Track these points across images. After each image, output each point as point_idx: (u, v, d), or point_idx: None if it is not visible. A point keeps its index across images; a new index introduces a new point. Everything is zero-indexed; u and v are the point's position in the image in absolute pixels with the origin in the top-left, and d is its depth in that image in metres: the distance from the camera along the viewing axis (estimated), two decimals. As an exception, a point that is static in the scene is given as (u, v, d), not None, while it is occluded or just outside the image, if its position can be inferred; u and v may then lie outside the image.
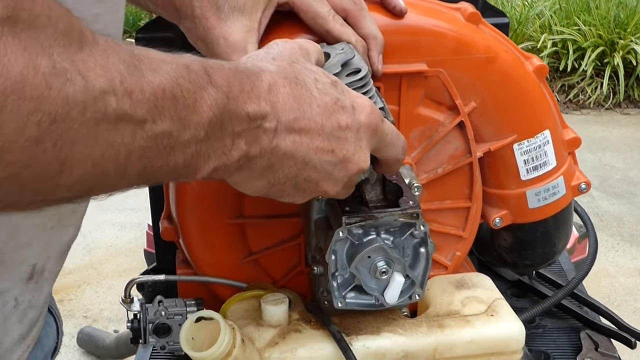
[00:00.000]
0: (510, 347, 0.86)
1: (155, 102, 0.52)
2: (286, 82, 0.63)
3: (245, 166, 0.62)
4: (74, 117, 0.47)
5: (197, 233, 0.91)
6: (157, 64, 0.53)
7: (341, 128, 0.66)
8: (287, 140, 0.63)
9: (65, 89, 0.46)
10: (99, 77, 0.48)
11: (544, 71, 0.93)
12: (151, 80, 0.52)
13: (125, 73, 0.50)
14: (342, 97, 0.67)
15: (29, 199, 0.49)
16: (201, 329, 0.74)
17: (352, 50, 0.78)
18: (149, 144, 0.52)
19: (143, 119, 0.51)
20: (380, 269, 0.77)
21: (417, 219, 0.78)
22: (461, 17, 0.90)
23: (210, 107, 0.56)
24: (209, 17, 0.80)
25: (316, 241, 0.85)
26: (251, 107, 0.60)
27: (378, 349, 0.82)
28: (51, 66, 0.45)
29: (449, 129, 0.91)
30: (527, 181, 0.95)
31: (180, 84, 0.54)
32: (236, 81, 0.59)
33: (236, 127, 0.59)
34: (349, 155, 0.67)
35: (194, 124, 0.55)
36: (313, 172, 0.66)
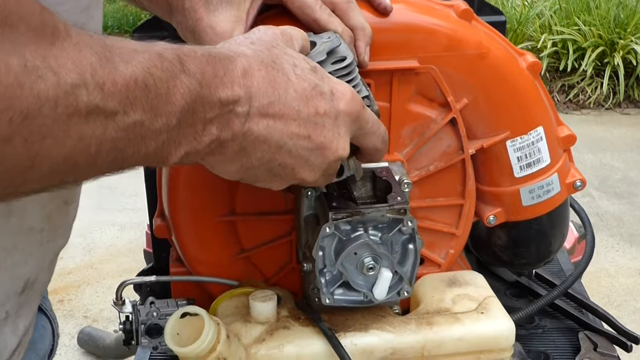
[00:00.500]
0: (500, 345, 0.85)
1: (127, 93, 0.52)
2: (262, 66, 0.63)
3: (217, 150, 0.62)
4: (46, 114, 0.47)
5: (189, 230, 0.91)
6: (129, 54, 0.53)
7: (319, 114, 0.66)
8: (259, 125, 0.63)
9: (37, 86, 0.46)
10: (70, 71, 0.48)
11: (538, 68, 0.92)
12: (123, 72, 0.52)
13: (97, 65, 0.50)
14: (321, 83, 0.67)
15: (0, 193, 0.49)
16: (186, 325, 0.74)
17: (338, 39, 0.78)
18: (120, 135, 0.53)
19: (114, 111, 0.51)
20: (367, 265, 0.77)
21: (405, 214, 0.78)
22: (453, 14, 0.89)
23: (183, 95, 0.56)
24: (198, 8, 0.81)
25: (306, 237, 0.85)
26: (223, 93, 0.60)
27: (366, 346, 0.82)
28: (22, 65, 0.45)
29: (441, 126, 0.90)
30: (520, 178, 0.94)
31: (152, 74, 0.54)
32: (209, 67, 0.59)
33: (208, 114, 0.59)
34: (326, 141, 0.67)
35: (166, 112, 0.55)
36: (288, 157, 0.66)
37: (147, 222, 2.04)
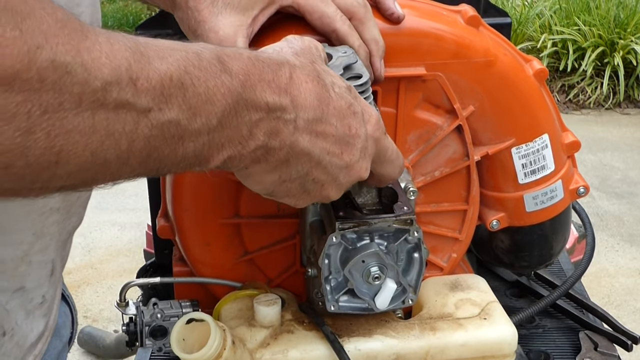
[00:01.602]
0: (502, 351, 0.86)
1: (162, 90, 0.50)
2: (308, 78, 0.63)
3: (262, 158, 0.61)
4: (68, 108, 0.46)
5: (193, 232, 0.91)
6: (164, 51, 0.52)
7: (351, 134, 0.66)
8: (305, 137, 0.62)
9: (61, 81, 0.45)
10: (103, 66, 0.47)
11: (544, 74, 0.92)
12: (158, 68, 0.50)
13: (131, 60, 0.49)
14: (355, 103, 0.67)
15: (27, 187, 0.48)
16: (192, 330, 0.74)
17: (354, 55, 0.77)
18: (154, 133, 0.51)
19: (147, 108, 0.50)
20: (374, 274, 0.77)
21: (411, 225, 0.78)
22: (461, 20, 0.89)
23: (224, 95, 0.55)
24: (202, 9, 0.80)
25: (311, 243, 0.85)
26: (271, 97, 0.59)
27: (370, 351, 0.82)
28: (50, 60, 0.44)
29: (447, 133, 0.90)
30: (524, 185, 0.94)
31: (189, 72, 0.53)
32: (255, 69, 0.58)
33: (253, 116, 0.58)
34: (354, 161, 0.67)
35: (206, 112, 0.54)
36: (322, 173, 0.66)
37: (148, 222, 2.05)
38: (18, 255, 0.70)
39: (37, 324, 0.76)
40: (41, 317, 0.76)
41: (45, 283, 0.75)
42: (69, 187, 0.50)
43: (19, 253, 0.70)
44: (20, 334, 0.74)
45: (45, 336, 0.79)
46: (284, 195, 0.67)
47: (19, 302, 0.72)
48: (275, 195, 0.67)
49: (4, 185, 0.46)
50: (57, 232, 0.75)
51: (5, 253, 0.69)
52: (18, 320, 0.73)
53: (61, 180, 0.48)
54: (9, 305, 0.71)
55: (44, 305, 0.75)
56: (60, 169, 0.47)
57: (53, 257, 0.75)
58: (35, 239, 0.70)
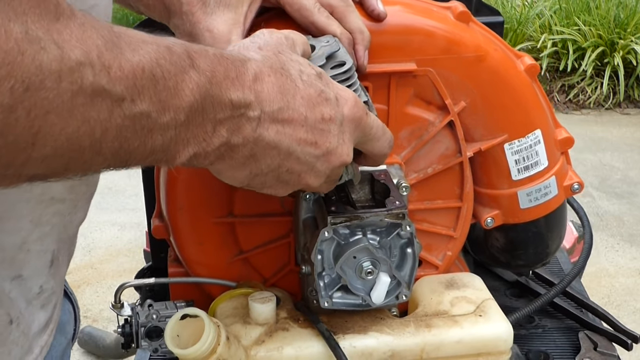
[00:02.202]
0: (498, 348, 0.86)
1: (135, 81, 0.51)
2: (271, 71, 0.63)
3: (226, 155, 0.61)
4: (49, 87, 0.46)
5: (187, 231, 0.91)
6: (137, 43, 0.52)
7: (324, 120, 0.66)
8: (270, 131, 0.63)
9: (39, 56, 0.45)
10: (74, 48, 0.47)
11: (535, 70, 0.92)
12: (130, 59, 0.51)
13: (102, 48, 0.49)
14: (327, 89, 0.67)
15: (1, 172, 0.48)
16: (186, 326, 0.74)
17: (337, 43, 0.78)
18: (126, 123, 0.51)
19: (121, 97, 0.50)
20: (366, 269, 0.77)
21: (403, 219, 0.78)
22: (451, 16, 0.89)
23: (192, 90, 0.55)
24: (195, 12, 0.81)
25: (304, 240, 0.85)
26: (235, 95, 0.59)
27: (365, 348, 0.82)
28: (24, 32, 0.44)
29: (439, 129, 0.91)
30: (518, 181, 0.94)
31: (160, 65, 0.53)
32: (220, 67, 0.59)
33: (218, 114, 0.58)
34: (331, 147, 0.67)
35: (174, 107, 0.54)
36: (296, 163, 0.66)
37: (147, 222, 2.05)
38: (17, 243, 0.70)
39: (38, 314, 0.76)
40: (40, 308, 0.76)
41: (44, 273, 0.75)
42: (41, 176, 0.50)
43: (18, 240, 0.70)
44: (24, 322, 0.74)
45: (50, 328, 0.79)
46: (261, 187, 0.68)
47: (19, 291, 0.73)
48: (253, 188, 0.68)
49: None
50: (62, 224, 0.75)
51: (4, 240, 0.69)
52: (21, 308, 0.73)
53: (34, 165, 0.49)
54: (12, 294, 0.72)
55: (41, 296, 0.75)
56: (36, 152, 0.47)
57: (54, 248, 0.75)
58: (33, 226, 0.70)
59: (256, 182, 0.67)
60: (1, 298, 0.70)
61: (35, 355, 0.76)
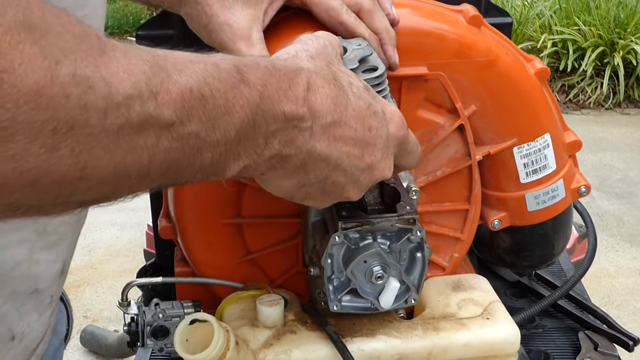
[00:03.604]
0: (505, 351, 0.86)
1: (183, 103, 0.50)
2: (325, 82, 0.62)
3: (278, 165, 0.61)
4: (94, 124, 0.45)
5: (195, 232, 0.91)
6: (183, 63, 0.51)
7: (372, 134, 0.65)
8: (322, 142, 0.62)
9: (85, 97, 0.44)
10: (123, 81, 0.46)
11: (546, 74, 0.92)
12: (177, 80, 0.50)
13: (150, 74, 0.48)
14: (374, 103, 0.66)
15: (50, 203, 0.47)
16: (195, 331, 0.74)
17: (369, 47, 0.77)
18: (174, 145, 0.51)
19: (170, 121, 0.50)
20: (376, 273, 0.77)
21: (414, 224, 0.78)
22: (463, 20, 0.89)
23: (242, 107, 0.54)
24: (213, 4, 0.79)
25: (313, 243, 0.85)
26: (288, 107, 0.58)
27: (373, 352, 0.82)
28: (71, 74, 0.44)
29: (449, 132, 0.90)
30: (526, 184, 0.94)
31: (209, 83, 0.52)
32: (272, 79, 0.58)
33: (270, 127, 0.57)
34: (375, 161, 0.66)
35: (225, 124, 0.53)
36: (342, 176, 0.65)
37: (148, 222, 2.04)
38: (26, 255, 0.70)
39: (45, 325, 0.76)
40: (48, 317, 0.76)
41: (55, 283, 0.75)
42: (90, 202, 0.50)
43: (26, 252, 0.70)
44: (29, 337, 0.74)
45: (48, 335, 0.79)
46: (303, 198, 0.67)
47: (33, 305, 0.73)
48: (294, 199, 0.67)
49: (29, 202, 0.46)
50: (70, 232, 0.75)
51: (16, 253, 0.69)
52: (31, 322, 0.73)
53: (82, 194, 0.48)
54: (23, 308, 0.72)
55: (51, 306, 0.75)
56: (84, 183, 0.47)
57: (64, 258, 0.75)
58: (37, 236, 0.70)
59: (301, 193, 0.65)
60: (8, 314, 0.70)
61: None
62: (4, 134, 0.41)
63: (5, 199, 0.44)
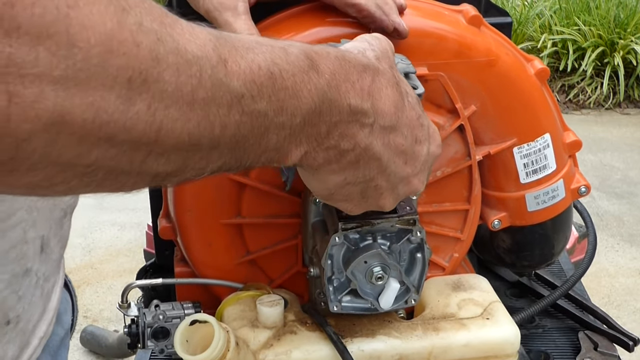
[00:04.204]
0: (505, 351, 0.86)
1: (252, 77, 0.49)
2: (389, 85, 0.62)
3: (334, 158, 0.60)
4: (167, 80, 0.44)
5: (194, 232, 0.91)
6: (249, 42, 0.50)
7: (417, 144, 0.65)
8: (378, 141, 0.61)
9: (156, 48, 0.43)
10: (189, 42, 0.45)
11: (546, 74, 0.92)
12: (244, 55, 0.49)
13: (216, 43, 0.47)
14: (423, 116, 0.67)
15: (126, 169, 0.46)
16: (195, 331, 0.74)
17: (411, 65, 0.76)
18: (244, 120, 0.49)
19: (240, 93, 0.48)
20: (377, 274, 0.77)
21: (414, 225, 0.78)
22: (463, 20, 0.89)
23: (310, 92, 0.54)
24: None
25: (313, 243, 0.85)
26: (354, 100, 0.58)
27: (373, 352, 0.82)
28: (138, 23, 0.42)
29: (449, 132, 0.90)
30: (526, 184, 0.95)
31: (277, 64, 0.51)
32: (342, 70, 0.57)
33: (334, 117, 0.57)
34: (415, 172, 0.66)
35: (291, 107, 0.52)
36: (385, 181, 0.65)
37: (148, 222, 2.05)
38: (21, 237, 0.69)
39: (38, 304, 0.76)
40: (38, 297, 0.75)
41: (36, 260, 0.73)
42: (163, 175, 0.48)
43: (21, 233, 0.69)
44: (25, 318, 0.73)
45: (49, 318, 0.78)
46: (342, 199, 0.66)
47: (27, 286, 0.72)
48: (333, 199, 0.66)
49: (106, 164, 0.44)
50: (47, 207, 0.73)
51: (14, 237, 0.68)
52: (25, 305, 0.73)
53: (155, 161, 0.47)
54: (22, 291, 0.71)
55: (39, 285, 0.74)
56: (158, 147, 0.46)
57: (43, 234, 0.73)
58: (28, 215, 0.69)
59: (343, 192, 0.65)
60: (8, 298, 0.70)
61: (33, 347, 0.76)
62: (81, 76, 0.40)
63: (85, 158, 0.43)
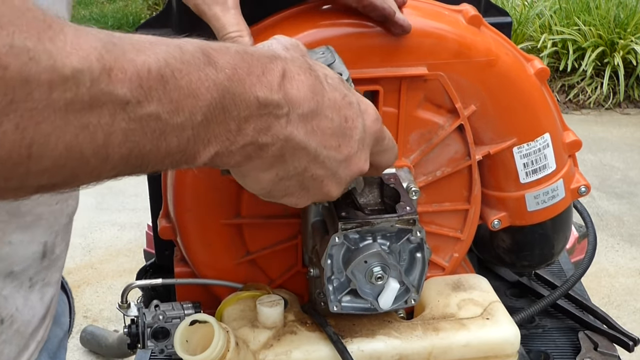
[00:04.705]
0: (505, 351, 0.86)
1: (140, 82, 0.49)
2: (301, 70, 0.61)
3: (254, 154, 0.59)
4: (38, 98, 0.44)
5: (194, 232, 0.91)
6: (141, 44, 0.50)
7: (348, 124, 0.64)
8: (300, 130, 0.61)
9: (27, 69, 0.43)
10: (69, 55, 0.45)
11: (545, 74, 0.92)
12: (134, 59, 0.49)
13: (102, 50, 0.47)
14: (349, 94, 0.66)
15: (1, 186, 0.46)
16: (195, 331, 0.74)
17: (333, 54, 0.76)
18: (132, 127, 0.49)
19: (125, 99, 0.48)
20: (376, 274, 0.77)
21: (414, 225, 0.78)
22: (462, 20, 0.89)
23: (209, 88, 0.53)
24: None
25: (313, 243, 0.85)
26: (262, 92, 0.57)
27: (373, 352, 0.82)
28: (8, 45, 0.42)
29: (449, 132, 0.90)
30: (526, 184, 0.95)
31: (170, 64, 0.51)
32: (244, 63, 0.56)
33: (242, 112, 0.56)
34: (352, 152, 0.65)
35: (189, 106, 0.52)
36: (320, 168, 0.64)
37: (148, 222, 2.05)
38: None
39: (37, 310, 0.75)
40: (38, 302, 0.75)
41: (34, 265, 0.73)
42: (49, 187, 0.49)
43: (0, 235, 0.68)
44: (20, 320, 0.73)
45: (46, 323, 0.78)
46: (282, 194, 0.66)
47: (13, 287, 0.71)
48: (274, 196, 0.66)
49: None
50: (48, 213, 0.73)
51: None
52: (18, 306, 0.72)
53: (37, 177, 0.47)
54: (5, 291, 0.70)
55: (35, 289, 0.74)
56: (34, 165, 0.46)
57: (45, 240, 0.73)
58: (9, 217, 0.68)
59: (280, 188, 0.64)
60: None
61: (31, 351, 0.76)
62: None
63: None
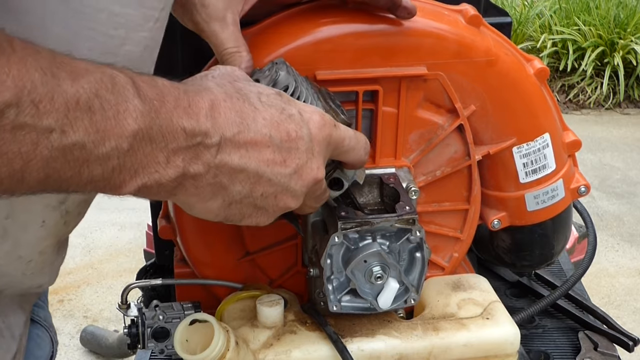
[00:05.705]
0: (505, 351, 0.86)
1: (66, 113, 0.51)
2: (227, 97, 0.62)
3: (188, 185, 0.60)
4: None
5: (194, 233, 0.91)
6: (79, 72, 0.52)
7: (290, 138, 0.65)
8: (233, 155, 0.62)
9: None
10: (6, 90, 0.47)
11: (545, 74, 0.92)
12: (66, 90, 0.51)
13: (38, 82, 0.49)
14: (288, 107, 0.66)
15: None
16: (195, 331, 0.74)
17: (279, 69, 0.75)
18: (54, 155, 0.51)
19: (49, 129, 0.50)
20: (376, 274, 0.77)
21: (414, 224, 0.78)
22: (462, 20, 0.89)
23: (135, 119, 0.55)
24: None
25: (312, 243, 0.85)
26: (188, 123, 0.58)
27: (372, 352, 0.82)
28: None
29: (448, 132, 0.90)
30: (525, 184, 0.95)
31: (100, 95, 0.53)
32: (170, 96, 0.58)
33: (170, 143, 0.57)
34: (301, 164, 0.66)
35: (115, 136, 0.54)
36: (268, 186, 0.65)
37: (148, 222, 2.05)
38: None
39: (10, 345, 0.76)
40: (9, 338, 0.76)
41: None
42: None
43: None
44: None
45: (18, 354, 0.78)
46: (239, 218, 0.66)
47: None
48: (232, 220, 0.66)
49: None
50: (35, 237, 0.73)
51: None
52: None
53: None
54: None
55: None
56: None
57: None
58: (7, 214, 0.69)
59: (234, 212, 0.65)
60: None
61: None
62: None
63: None
